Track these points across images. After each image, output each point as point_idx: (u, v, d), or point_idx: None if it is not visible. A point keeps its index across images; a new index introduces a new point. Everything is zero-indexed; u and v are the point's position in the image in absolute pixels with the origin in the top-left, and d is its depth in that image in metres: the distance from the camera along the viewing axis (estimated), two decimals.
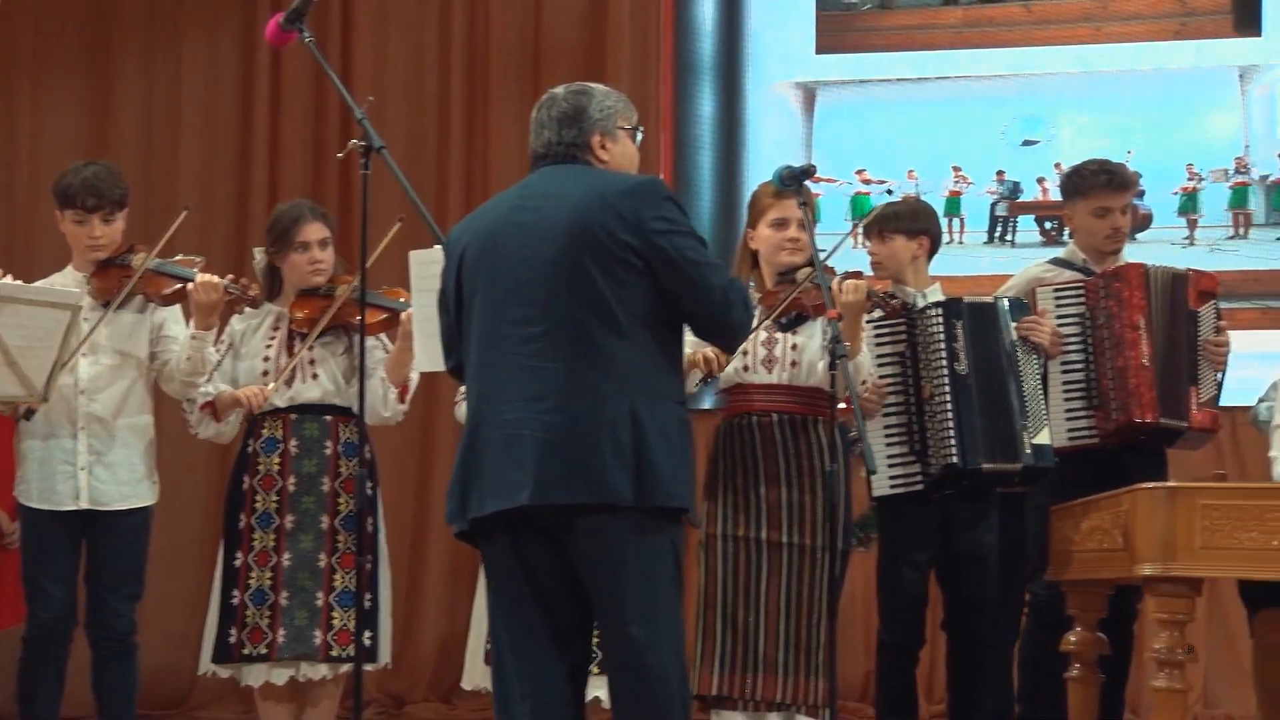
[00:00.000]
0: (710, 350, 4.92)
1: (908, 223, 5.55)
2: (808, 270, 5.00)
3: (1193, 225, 7.77)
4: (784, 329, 5.07)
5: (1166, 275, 5.64)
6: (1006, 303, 5.45)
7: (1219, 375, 5.64)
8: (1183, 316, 5.60)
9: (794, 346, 5.09)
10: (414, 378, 5.59)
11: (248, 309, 5.59)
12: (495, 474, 3.84)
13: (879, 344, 5.33)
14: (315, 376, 5.54)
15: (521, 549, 3.89)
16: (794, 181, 4.79)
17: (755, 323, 4.91)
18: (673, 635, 3.87)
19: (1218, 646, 7.36)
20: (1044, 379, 5.48)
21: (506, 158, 7.85)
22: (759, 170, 7.43)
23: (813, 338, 5.10)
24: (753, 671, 4.99)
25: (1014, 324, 5.39)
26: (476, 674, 5.53)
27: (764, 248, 5.18)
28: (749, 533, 5.04)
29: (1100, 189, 5.68)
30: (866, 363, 5.14)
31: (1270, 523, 4.42)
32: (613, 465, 3.76)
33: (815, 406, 5.05)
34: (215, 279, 5.37)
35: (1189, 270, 5.71)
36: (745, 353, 5.04)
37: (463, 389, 5.21)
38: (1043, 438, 5.31)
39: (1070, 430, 5.54)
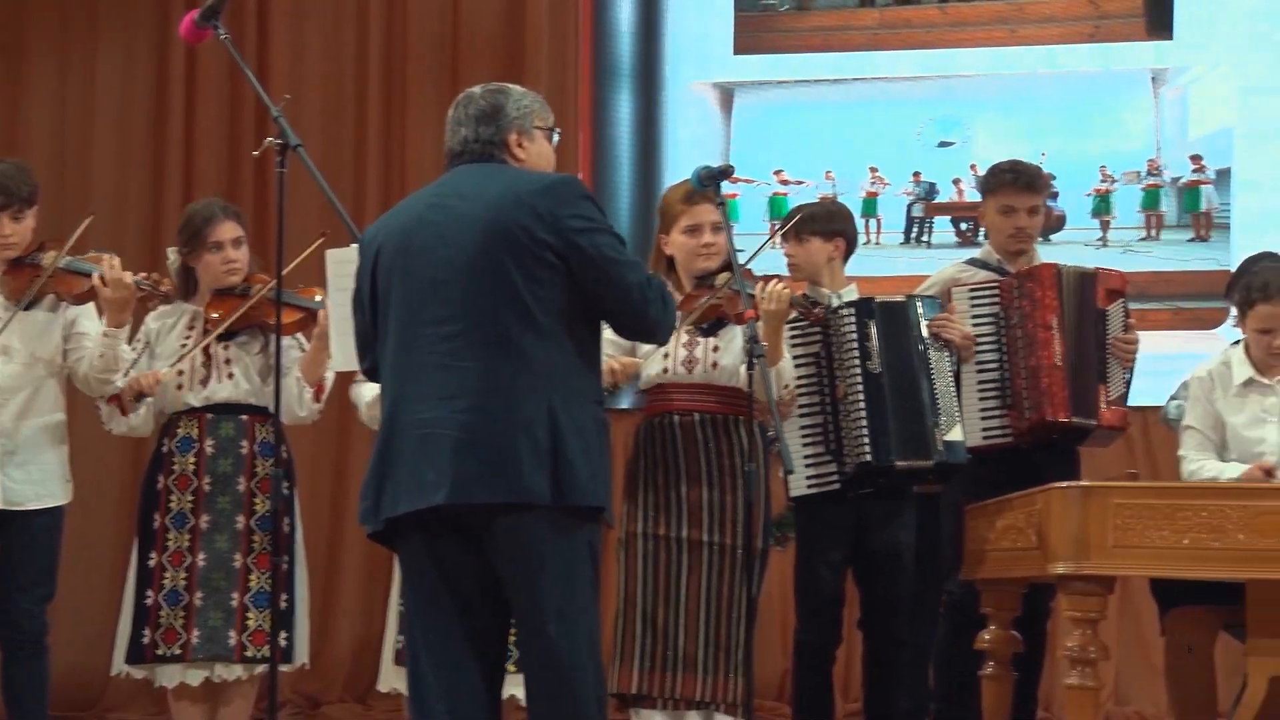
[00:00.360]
0: (616, 363, 4.92)
1: (824, 224, 5.57)
2: (726, 276, 5.01)
3: (1105, 227, 7.85)
4: (705, 334, 5.08)
5: (1076, 275, 5.69)
6: (918, 301, 5.49)
7: (1128, 373, 5.68)
8: (1091, 315, 5.65)
9: (715, 349, 5.10)
10: (329, 377, 5.56)
11: (163, 307, 5.55)
12: (410, 474, 3.83)
13: (794, 345, 5.35)
14: (231, 376, 5.50)
15: (437, 549, 3.88)
16: (712, 182, 4.80)
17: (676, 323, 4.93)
18: (589, 635, 3.87)
19: (1129, 644, 7.44)
20: (957, 377, 5.52)
21: (424, 157, 7.82)
22: (677, 170, 7.44)
23: (733, 339, 5.11)
24: (673, 670, 5.00)
25: (925, 322, 5.43)
26: (392, 675, 5.51)
27: (679, 254, 5.18)
28: (670, 532, 5.04)
29: (1006, 187, 5.73)
30: (788, 370, 5.15)
31: (1180, 522, 4.47)
32: (530, 465, 3.75)
33: (736, 406, 5.06)
34: (126, 275, 5.32)
35: (1097, 269, 5.76)
36: (666, 355, 5.05)
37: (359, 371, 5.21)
38: (954, 435, 5.35)
39: (985, 429, 5.58)
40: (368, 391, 5.27)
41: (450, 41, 8.14)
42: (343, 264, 4.88)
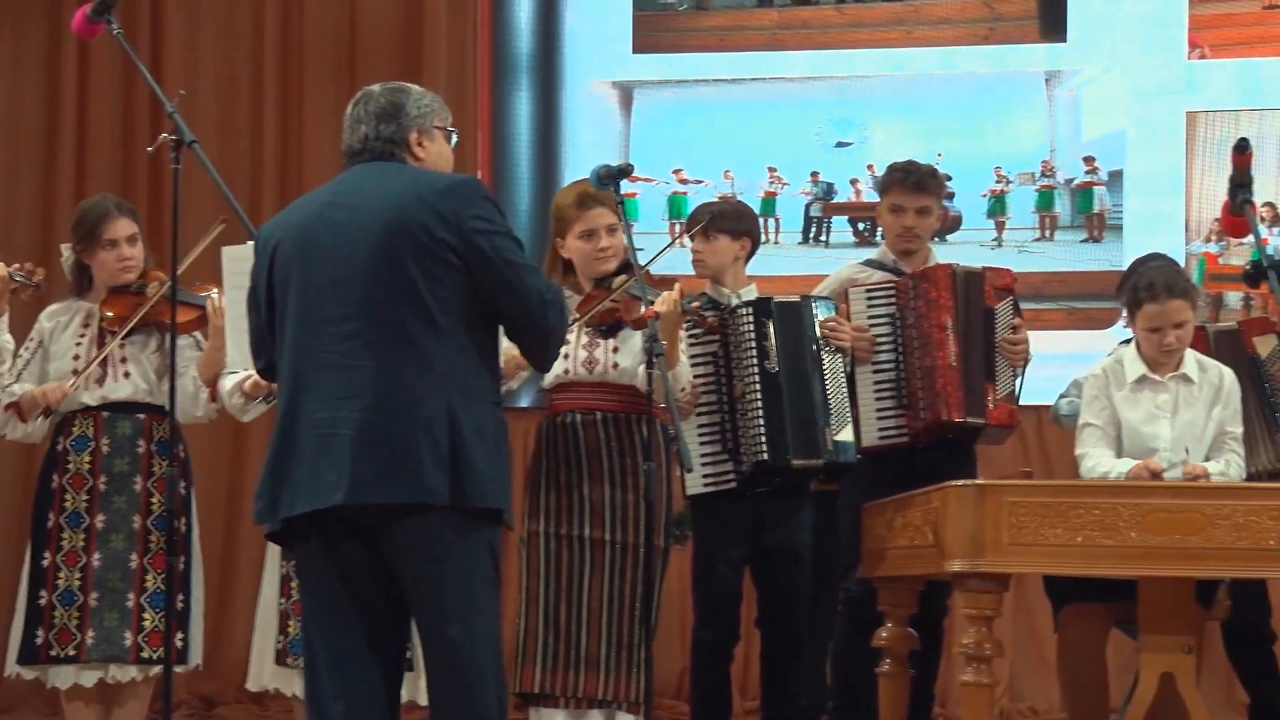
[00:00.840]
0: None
1: (733, 223, 5.60)
2: (623, 279, 5.01)
3: (1001, 227, 7.93)
4: (604, 335, 5.08)
5: (964, 273, 5.73)
6: (814, 302, 5.52)
7: (1017, 371, 5.72)
8: (979, 314, 5.69)
9: (614, 349, 5.10)
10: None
11: (55, 305, 5.49)
12: (308, 473, 3.80)
13: (692, 344, 5.37)
14: (127, 375, 5.45)
15: (335, 549, 3.85)
16: (611, 181, 4.81)
17: (574, 326, 4.94)
18: (490, 635, 3.86)
19: (1024, 641, 7.52)
20: (851, 377, 5.56)
21: (321, 154, 7.77)
22: (576, 169, 7.44)
23: (632, 340, 5.11)
24: (575, 669, 4.99)
25: (819, 322, 5.46)
26: (264, 675, 5.49)
27: (577, 259, 5.17)
28: (571, 530, 5.04)
29: (896, 186, 5.77)
30: (685, 373, 5.17)
31: (1074, 520, 4.53)
32: (429, 465, 3.74)
33: (636, 405, 5.07)
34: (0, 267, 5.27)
35: (984, 268, 5.79)
36: (567, 355, 5.04)
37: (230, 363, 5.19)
38: (845, 435, 5.39)
39: (881, 429, 5.62)
40: (229, 380, 5.25)
41: (347, 37, 8.10)
42: (239, 261, 4.84)
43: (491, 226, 3.85)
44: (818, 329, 5.45)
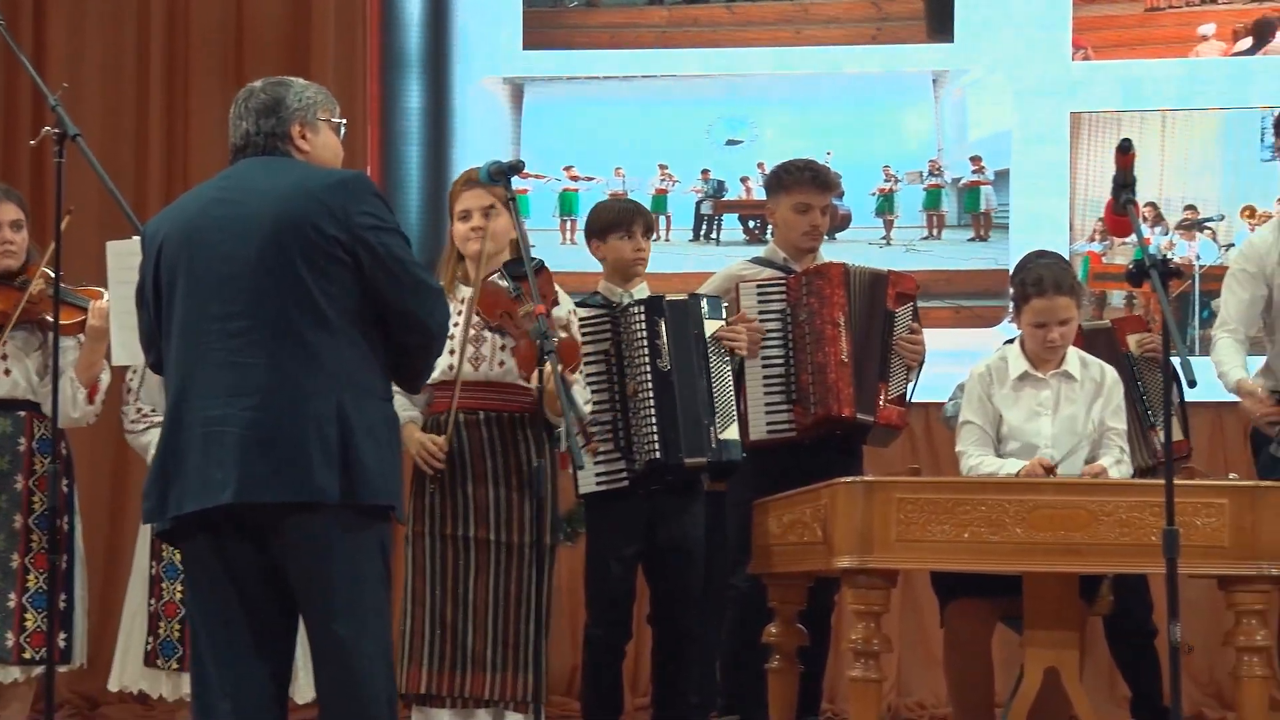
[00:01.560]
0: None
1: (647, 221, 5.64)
2: (527, 308, 4.97)
3: (889, 226, 7.98)
4: (493, 330, 5.06)
5: (867, 275, 5.78)
6: (702, 300, 5.53)
7: (910, 374, 5.79)
8: (880, 316, 5.74)
9: (502, 347, 5.09)
10: (104, 378, 5.46)
11: None
12: (196, 472, 3.76)
13: (584, 341, 5.35)
14: (7, 372, 5.37)
15: (224, 548, 3.81)
16: (502, 176, 4.79)
17: (462, 320, 4.92)
18: (379, 634, 3.84)
19: (911, 637, 7.58)
20: (740, 375, 5.57)
21: (208, 149, 7.69)
22: (467, 166, 7.37)
23: (517, 339, 5.11)
24: (461, 669, 4.98)
25: (707, 321, 5.46)
26: (125, 675, 5.44)
27: (456, 240, 5.17)
28: (456, 530, 5.02)
29: (804, 185, 5.80)
30: (583, 395, 5.15)
31: (961, 516, 4.58)
32: (319, 463, 3.71)
33: (522, 404, 5.06)
34: None
35: (889, 272, 5.85)
36: (452, 351, 5.02)
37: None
38: (730, 433, 5.40)
39: (769, 424, 5.64)
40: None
41: (234, 31, 8.02)
42: (124, 256, 4.78)
43: (380, 223, 3.83)
44: (705, 326, 5.45)
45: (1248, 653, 4.59)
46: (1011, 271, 5.86)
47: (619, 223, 5.54)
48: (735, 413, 5.46)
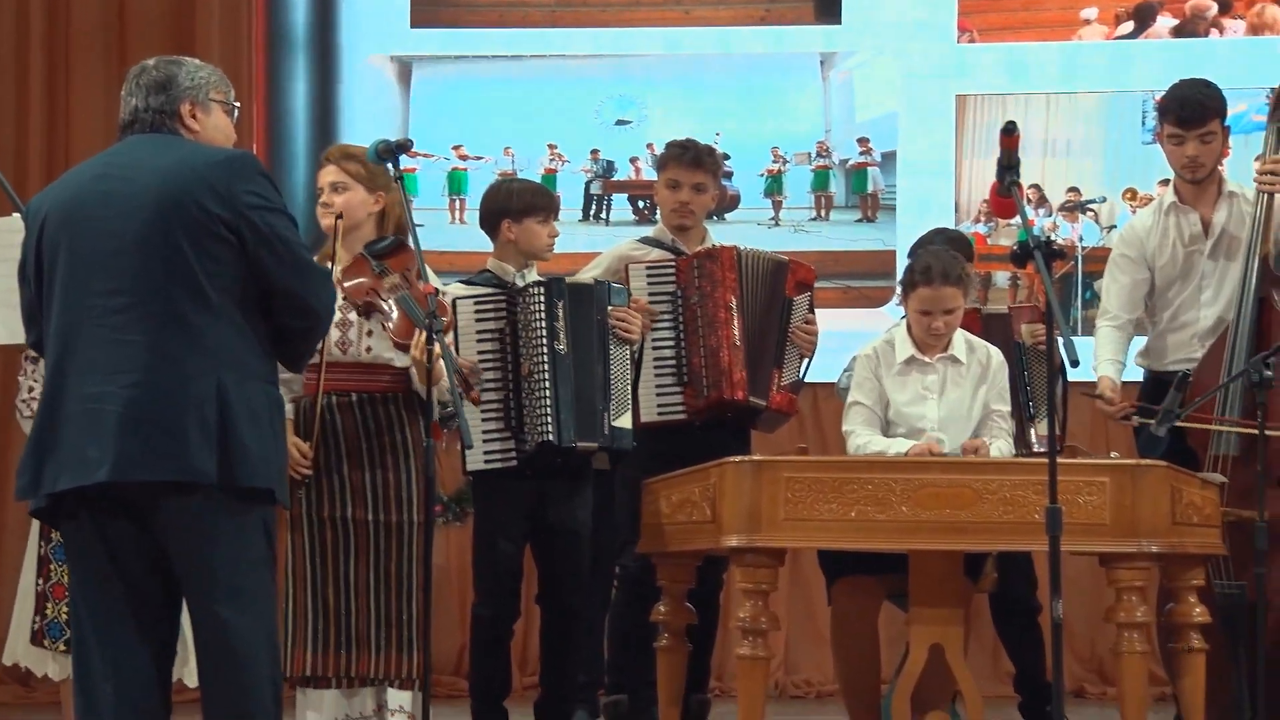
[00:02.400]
0: None
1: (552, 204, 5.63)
2: (396, 282, 4.94)
3: (778, 207, 8.01)
4: (360, 313, 5.02)
5: (768, 262, 5.78)
6: (609, 286, 5.50)
7: (804, 362, 5.82)
8: (778, 303, 5.75)
9: (369, 332, 5.07)
10: None
11: None
12: (73, 449, 3.71)
13: (480, 319, 5.33)
14: None
15: (104, 527, 3.77)
16: (390, 156, 4.76)
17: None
18: (263, 617, 3.80)
19: (799, 615, 7.63)
20: (638, 364, 5.55)
21: (90, 128, 7.59)
22: (354, 142, 7.35)
23: (389, 316, 5.09)
24: (346, 650, 4.95)
25: (609, 307, 5.45)
26: (18, 650, 5.39)
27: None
28: (334, 512, 5.00)
29: (673, 161, 5.80)
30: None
31: (848, 494, 4.61)
32: (197, 443, 3.67)
33: (394, 384, 5.05)
34: None
35: (790, 260, 5.86)
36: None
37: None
38: (623, 421, 5.39)
39: (660, 406, 5.64)
40: None
41: (116, 10, 7.91)
42: (6, 234, 4.72)
43: (265, 203, 3.79)
44: (607, 312, 5.43)
45: (1128, 628, 4.66)
46: (909, 249, 5.89)
47: (539, 206, 5.51)
48: (630, 400, 5.45)
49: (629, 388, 5.46)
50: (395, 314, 4.93)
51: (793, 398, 5.83)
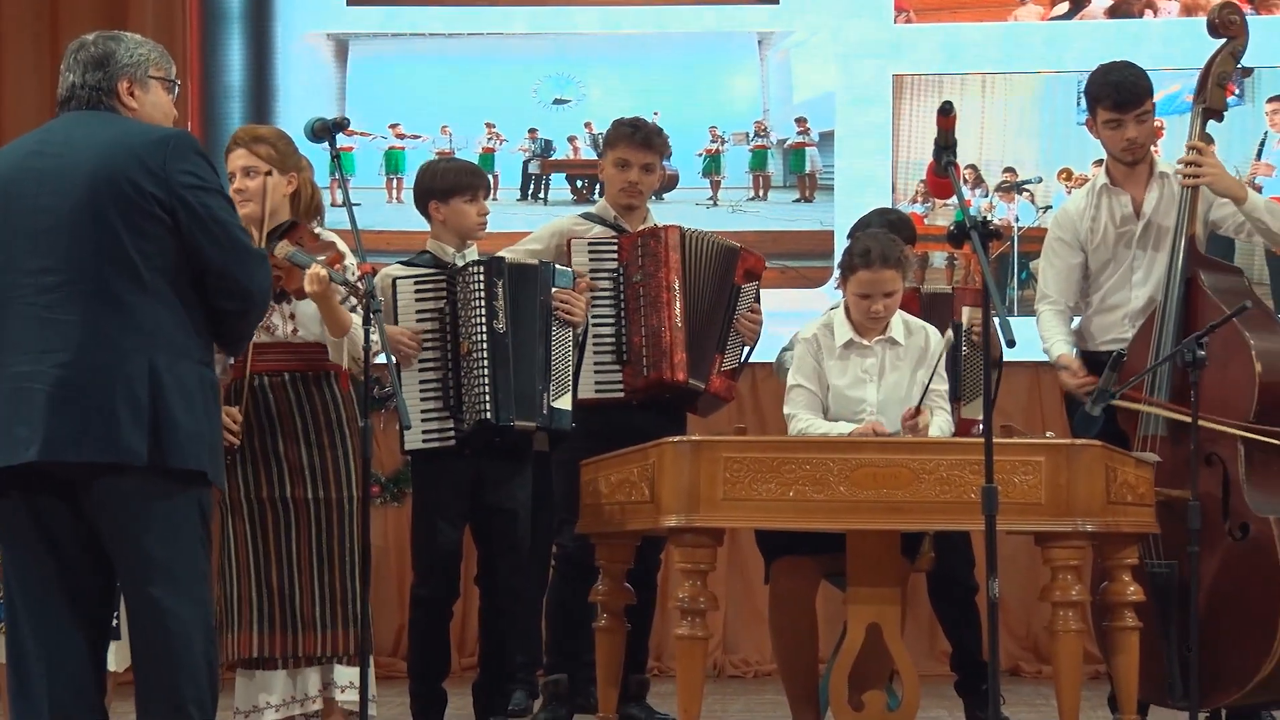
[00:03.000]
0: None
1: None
2: (285, 244, 4.91)
3: (716, 186, 8.01)
4: (276, 299, 4.97)
5: (715, 245, 5.76)
6: (551, 267, 5.48)
7: (746, 350, 5.83)
8: (727, 288, 5.75)
9: (291, 316, 5.05)
10: None
11: None
12: (2, 428, 3.68)
13: (420, 299, 5.32)
14: None
15: (36, 507, 3.74)
16: (326, 134, 4.74)
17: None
18: (198, 599, 3.78)
19: (737, 595, 7.65)
20: (580, 346, 5.53)
21: (21, 106, 7.51)
22: (290, 122, 7.24)
23: (309, 301, 5.07)
24: (292, 630, 4.95)
25: (553, 289, 5.43)
26: None
27: None
28: (273, 493, 4.99)
29: (624, 141, 5.79)
30: (358, 338, 5.03)
31: (786, 474, 4.61)
32: (128, 424, 3.65)
33: (322, 363, 5.05)
34: None
35: (741, 248, 5.86)
36: None
37: None
38: (563, 403, 5.38)
39: (598, 384, 5.64)
40: None
41: None
42: None
43: (201, 183, 3.77)
44: (551, 293, 5.41)
45: (1063, 607, 4.68)
46: (849, 231, 5.89)
47: (465, 186, 5.48)
48: (571, 382, 5.44)
49: (570, 369, 5.45)
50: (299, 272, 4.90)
51: (731, 384, 5.84)
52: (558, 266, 5.52)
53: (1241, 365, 5.24)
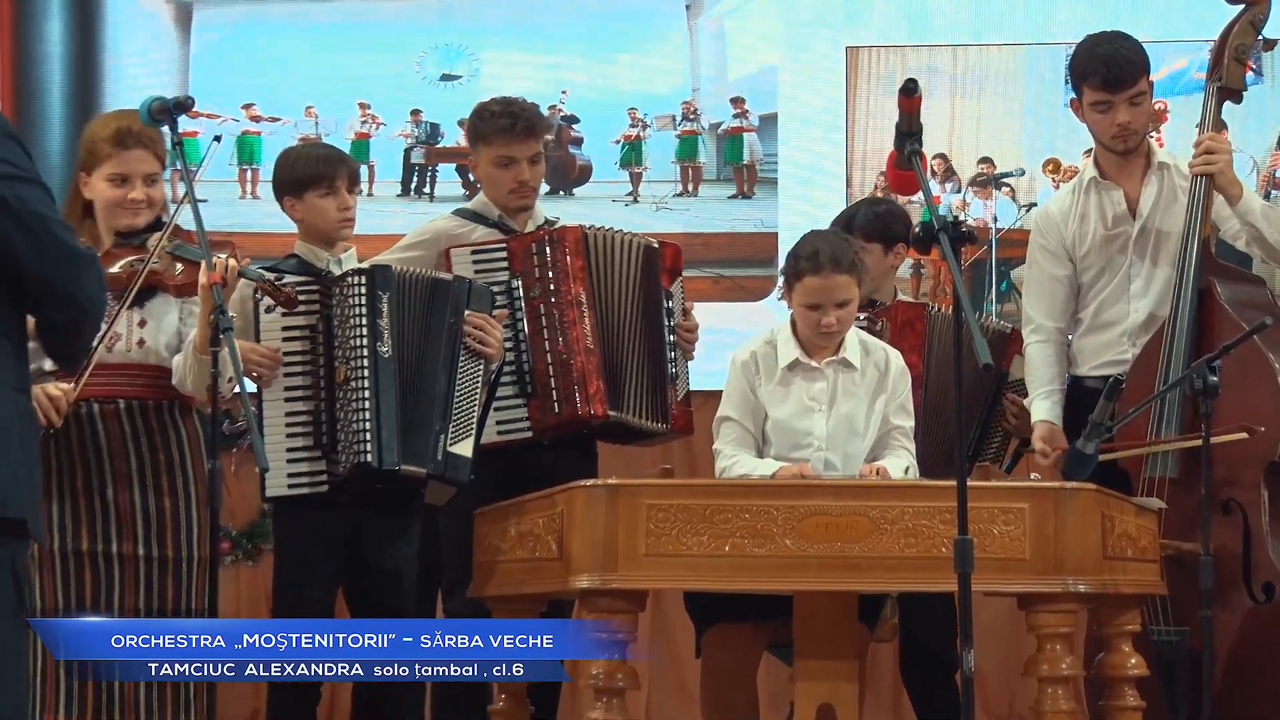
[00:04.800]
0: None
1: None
2: (158, 236, 4.91)
3: (636, 180, 8.03)
4: (128, 305, 4.97)
5: (626, 245, 5.74)
6: (468, 285, 5.42)
7: (686, 365, 5.82)
8: (655, 296, 5.74)
9: (141, 323, 5.03)
10: None
11: None
12: None
13: (285, 313, 5.28)
14: None
15: None
16: (165, 116, 4.72)
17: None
18: (9, 673, 3.75)
19: (662, 669, 7.65)
20: (492, 385, 5.49)
21: None
22: (121, 102, 7.27)
23: (167, 312, 5.05)
24: (108, 712, 4.94)
25: (466, 311, 5.37)
26: None
27: (100, 204, 5.10)
28: (95, 546, 4.96)
29: (502, 134, 5.74)
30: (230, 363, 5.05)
31: (721, 525, 4.60)
32: None
33: (171, 390, 5.04)
34: None
35: (659, 243, 5.84)
36: None
37: None
38: (462, 448, 5.32)
39: (500, 423, 5.59)
40: None
41: None
42: None
43: (15, 171, 3.73)
44: (464, 316, 5.35)
45: (1052, 683, 4.69)
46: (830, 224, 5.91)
47: (319, 176, 5.45)
48: (475, 425, 5.37)
49: (475, 410, 5.37)
50: (179, 268, 4.89)
51: (689, 412, 5.83)
52: (476, 285, 5.47)
53: (1266, 393, 5.27)
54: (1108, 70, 5.55)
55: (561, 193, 7.79)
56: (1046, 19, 7.97)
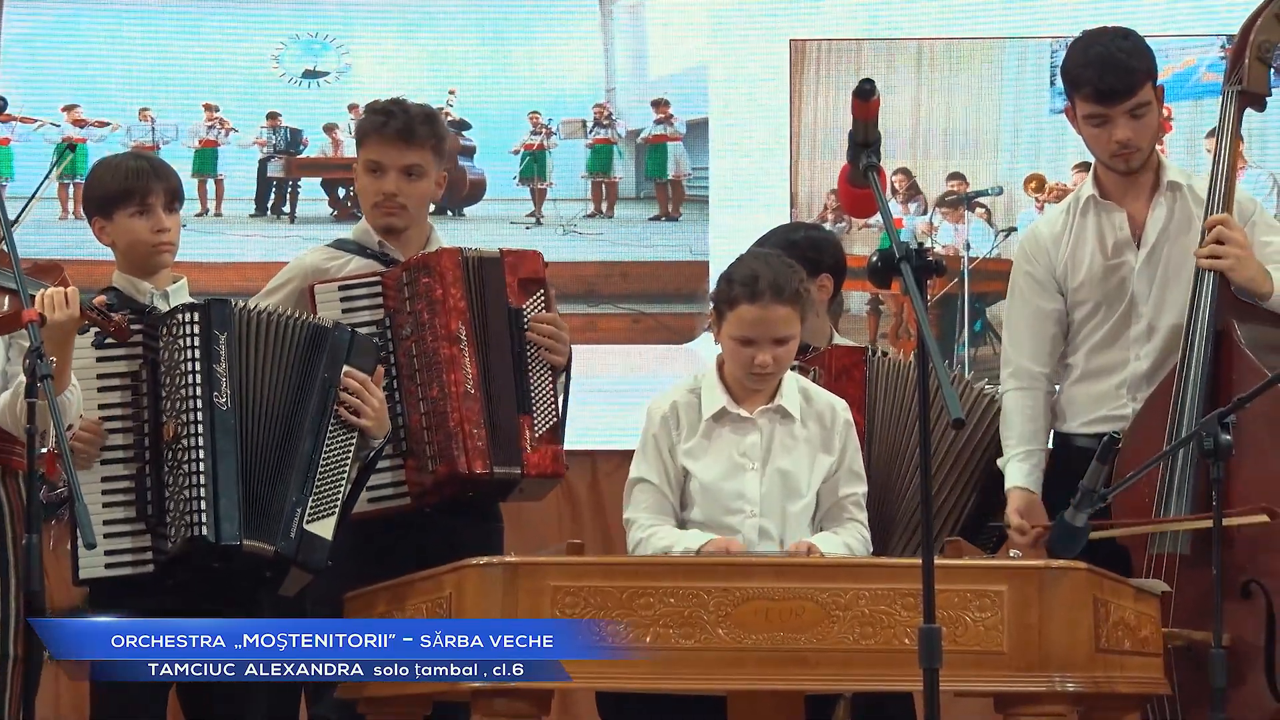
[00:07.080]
0: None
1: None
2: None
3: (539, 197, 8.05)
4: None
5: (475, 261, 5.72)
6: (351, 335, 5.41)
7: (558, 391, 5.77)
8: (501, 318, 5.71)
9: None
10: None
11: None
12: None
13: (101, 361, 5.27)
14: None
15: None
16: None
17: None
18: None
19: None
20: (369, 463, 5.46)
21: None
22: None
23: None
24: None
25: (345, 367, 5.35)
26: None
27: None
28: None
29: (372, 135, 5.76)
30: (77, 399, 5.08)
31: (641, 612, 4.60)
32: None
33: None
34: None
35: (502, 251, 5.80)
36: None
37: None
38: (321, 527, 5.29)
39: (371, 489, 5.58)
40: None
41: None
42: None
43: None
44: (341, 368, 5.33)
45: None
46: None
47: (129, 191, 5.45)
48: (339, 503, 5.35)
49: (342, 486, 5.34)
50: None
51: (557, 449, 5.78)
52: (362, 337, 5.45)
53: None
54: (1101, 78, 5.52)
55: (450, 212, 7.80)
56: (1029, 8, 8.03)
